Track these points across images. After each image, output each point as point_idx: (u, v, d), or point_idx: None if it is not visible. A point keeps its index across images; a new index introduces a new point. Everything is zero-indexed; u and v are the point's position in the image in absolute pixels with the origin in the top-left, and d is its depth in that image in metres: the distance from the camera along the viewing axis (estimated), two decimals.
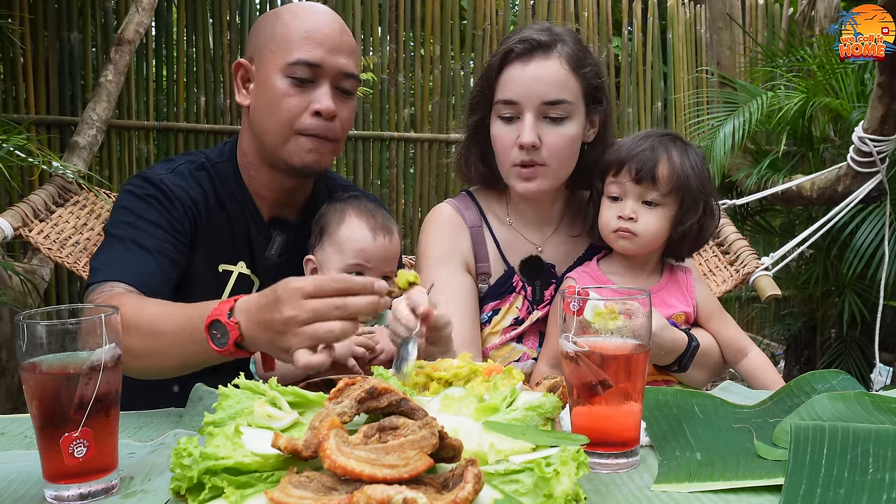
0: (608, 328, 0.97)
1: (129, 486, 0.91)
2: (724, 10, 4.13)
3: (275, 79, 1.46)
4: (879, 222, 3.19)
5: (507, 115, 1.53)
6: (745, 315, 5.10)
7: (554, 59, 1.51)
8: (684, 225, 1.52)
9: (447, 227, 1.65)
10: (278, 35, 1.48)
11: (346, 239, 1.49)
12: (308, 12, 1.50)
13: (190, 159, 1.59)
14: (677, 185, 1.50)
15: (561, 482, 0.76)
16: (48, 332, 0.88)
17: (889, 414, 1.08)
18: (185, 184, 1.52)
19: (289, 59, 1.45)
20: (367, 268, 1.49)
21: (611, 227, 1.53)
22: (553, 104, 1.50)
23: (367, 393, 0.86)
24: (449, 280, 1.59)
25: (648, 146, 1.51)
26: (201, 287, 1.52)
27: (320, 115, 1.46)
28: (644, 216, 1.51)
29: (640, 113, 5.05)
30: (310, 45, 1.45)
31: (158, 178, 1.50)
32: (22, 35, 3.86)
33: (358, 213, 1.53)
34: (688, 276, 1.62)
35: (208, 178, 1.56)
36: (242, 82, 1.55)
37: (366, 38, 4.66)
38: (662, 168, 1.49)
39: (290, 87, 1.46)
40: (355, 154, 4.63)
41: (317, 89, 1.47)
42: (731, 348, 1.61)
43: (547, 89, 1.50)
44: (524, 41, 1.52)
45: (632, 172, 1.50)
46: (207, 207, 1.53)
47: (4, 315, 2.80)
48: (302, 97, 1.46)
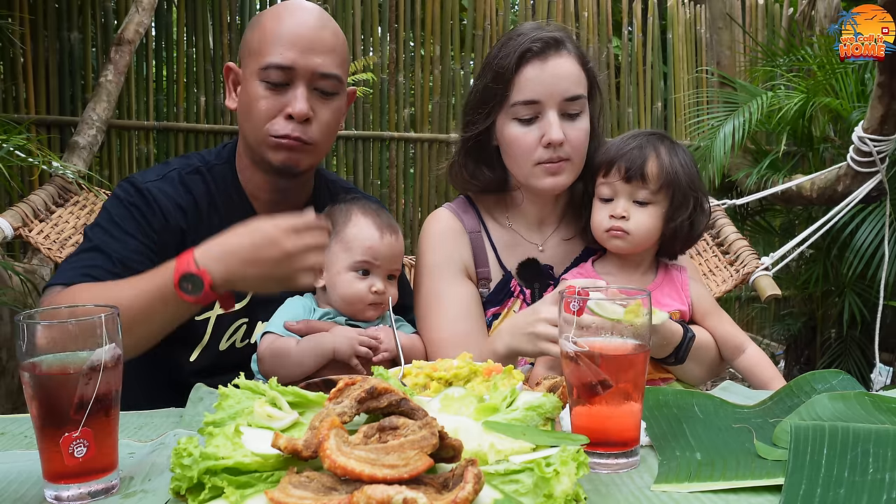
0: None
1: (129, 486, 0.91)
2: (724, 10, 4.13)
3: (252, 83, 1.46)
4: (879, 222, 3.19)
5: (525, 117, 1.52)
6: (745, 315, 5.10)
7: (566, 56, 1.52)
8: (675, 221, 1.52)
9: (447, 234, 1.63)
10: (257, 38, 1.48)
11: (354, 237, 1.49)
12: (289, 13, 1.49)
13: (185, 163, 1.59)
14: (667, 181, 1.51)
15: (561, 482, 0.76)
16: (48, 332, 0.88)
17: (889, 414, 1.08)
18: (172, 190, 1.52)
19: (262, 63, 1.45)
20: (375, 265, 1.49)
21: (603, 227, 1.54)
22: (573, 100, 1.51)
23: (367, 393, 0.86)
24: (451, 294, 1.58)
25: (636, 145, 1.53)
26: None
27: (292, 118, 1.45)
28: (635, 215, 1.52)
29: (640, 113, 5.05)
30: (282, 47, 1.44)
31: (144, 186, 1.50)
32: (22, 35, 3.86)
33: (364, 213, 1.52)
34: (682, 275, 1.62)
35: (202, 182, 1.56)
36: (233, 86, 1.55)
37: (366, 38, 4.66)
38: (651, 165, 1.50)
39: (265, 90, 1.45)
40: (355, 154, 4.63)
41: (290, 92, 1.46)
42: (728, 345, 1.60)
43: (567, 86, 1.51)
44: (538, 40, 1.51)
45: (621, 171, 1.51)
46: (198, 212, 1.53)
47: (4, 315, 2.79)
48: (276, 100, 1.45)
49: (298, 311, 1.49)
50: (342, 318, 1.50)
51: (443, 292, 1.58)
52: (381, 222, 1.51)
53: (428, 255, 1.63)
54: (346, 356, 1.40)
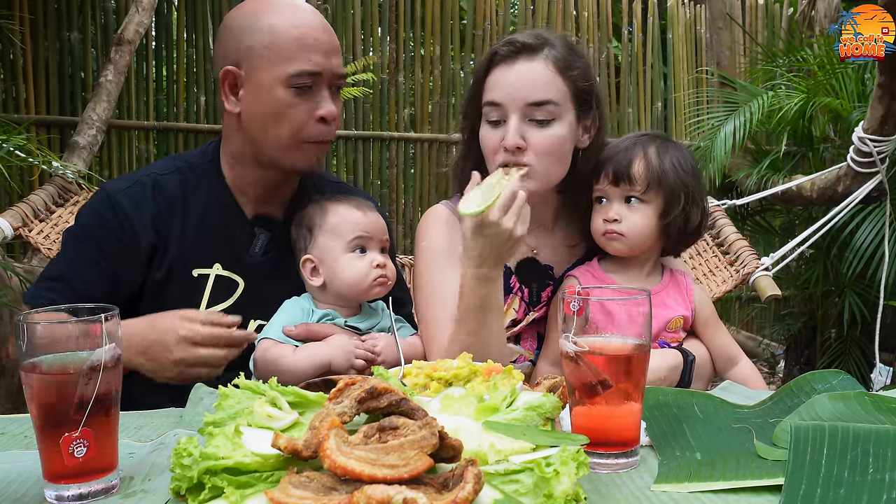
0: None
1: (129, 486, 0.91)
2: (724, 10, 4.12)
3: (276, 89, 1.45)
4: (879, 222, 3.18)
5: (493, 119, 1.51)
6: (745, 315, 5.10)
7: (539, 61, 1.50)
8: (669, 218, 1.54)
9: (444, 226, 1.65)
10: (271, 42, 1.45)
11: (339, 223, 1.49)
12: (291, 12, 1.48)
13: (166, 165, 1.60)
14: (654, 180, 1.52)
15: (561, 482, 0.76)
16: (48, 332, 0.88)
17: (889, 414, 1.08)
18: (142, 200, 1.52)
19: (290, 71, 1.45)
20: (368, 238, 1.49)
21: (599, 230, 1.56)
22: (538, 105, 1.48)
23: (367, 393, 0.86)
24: (450, 279, 1.59)
25: (624, 147, 1.55)
26: (179, 291, 1.52)
27: (324, 120, 1.48)
28: (628, 216, 1.53)
29: (640, 113, 5.05)
30: (309, 52, 1.46)
31: (115, 197, 1.52)
32: (22, 35, 3.86)
33: (338, 200, 1.54)
34: (687, 280, 1.64)
35: (178, 181, 1.56)
36: (231, 90, 1.51)
37: (366, 38, 4.66)
38: (637, 166, 1.52)
39: (293, 97, 1.46)
40: (355, 154, 4.63)
41: (317, 94, 1.48)
42: (722, 356, 1.63)
43: (531, 90, 1.48)
44: (509, 43, 1.52)
45: (609, 175, 1.54)
46: (172, 216, 1.53)
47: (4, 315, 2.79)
48: (305, 105, 1.47)
49: (297, 315, 1.48)
50: (341, 321, 1.49)
51: (441, 277, 1.58)
52: (357, 203, 1.53)
53: (427, 245, 1.64)
54: (342, 369, 1.39)
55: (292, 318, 1.47)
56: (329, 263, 1.48)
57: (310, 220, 1.52)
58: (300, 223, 1.54)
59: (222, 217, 1.57)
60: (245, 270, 1.57)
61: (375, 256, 1.49)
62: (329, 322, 1.48)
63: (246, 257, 1.57)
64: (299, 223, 1.55)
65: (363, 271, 1.47)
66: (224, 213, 1.57)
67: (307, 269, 1.51)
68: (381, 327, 1.54)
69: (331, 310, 1.50)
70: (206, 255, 1.55)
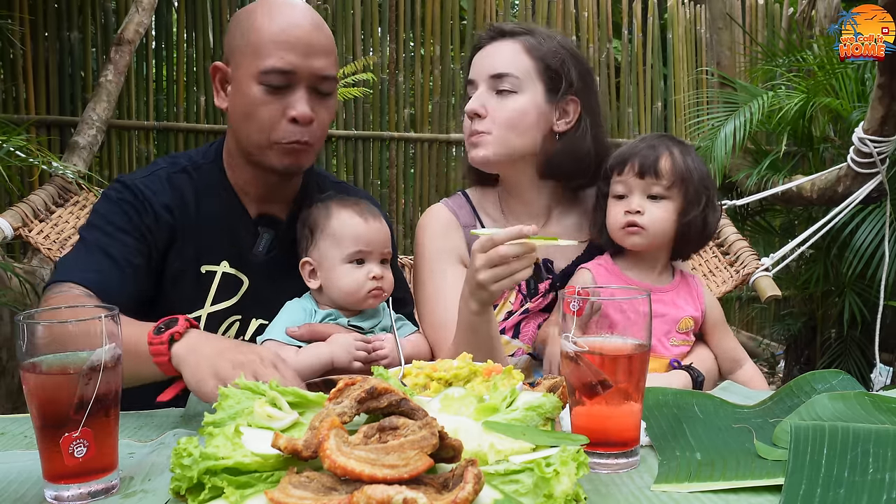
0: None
1: (129, 486, 0.91)
2: (724, 10, 4.12)
3: (249, 86, 1.43)
4: (879, 222, 3.19)
5: (471, 95, 1.62)
6: (745, 315, 5.10)
7: (509, 42, 1.61)
8: (689, 216, 1.54)
9: (442, 226, 1.67)
10: (250, 38, 1.44)
11: (340, 229, 1.48)
12: (281, 11, 1.45)
13: (172, 162, 1.58)
14: (679, 177, 1.53)
15: (561, 482, 0.76)
16: (48, 332, 0.88)
17: (889, 414, 1.08)
18: (160, 188, 1.51)
19: (262, 67, 1.41)
20: (368, 252, 1.49)
21: (619, 223, 1.55)
22: (499, 77, 1.58)
23: (367, 393, 0.86)
24: (449, 278, 1.61)
25: (649, 144, 1.57)
26: (186, 288, 1.52)
27: (296, 121, 1.44)
28: (650, 209, 1.53)
29: (640, 113, 5.05)
30: (282, 50, 1.41)
31: (133, 183, 1.50)
32: (22, 35, 3.86)
33: (343, 205, 1.52)
34: (697, 283, 1.65)
35: (189, 181, 1.55)
36: (221, 85, 1.52)
37: (366, 38, 4.66)
38: (665, 161, 1.53)
39: (265, 94, 1.42)
40: (355, 154, 4.63)
41: (292, 94, 1.43)
42: (727, 359, 1.65)
43: (494, 63, 1.60)
44: (490, 29, 1.65)
45: (635, 168, 1.53)
46: (186, 210, 1.53)
47: (4, 315, 2.79)
48: (277, 104, 1.43)
49: (299, 315, 1.48)
50: (344, 321, 1.49)
51: (441, 276, 1.61)
52: (362, 210, 1.52)
53: (425, 243, 1.66)
54: (344, 365, 1.39)
55: (294, 320, 1.47)
56: (326, 269, 1.49)
57: (313, 222, 1.52)
58: (304, 222, 1.55)
59: (227, 216, 1.57)
60: (249, 269, 1.57)
61: (373, 268, 1.48)
62: (332, 322, 1.48)
63: (249, 256, 1.57)
64: (304, 222, 1.55)
65: (359, 282, 1.47)
66: (229, 212, 1.57)
67: (306, 271, 1.52)
68: (382, 326, 1.54)
69: (333, 310, 1.50)
70: (215, 252, 1.55)
